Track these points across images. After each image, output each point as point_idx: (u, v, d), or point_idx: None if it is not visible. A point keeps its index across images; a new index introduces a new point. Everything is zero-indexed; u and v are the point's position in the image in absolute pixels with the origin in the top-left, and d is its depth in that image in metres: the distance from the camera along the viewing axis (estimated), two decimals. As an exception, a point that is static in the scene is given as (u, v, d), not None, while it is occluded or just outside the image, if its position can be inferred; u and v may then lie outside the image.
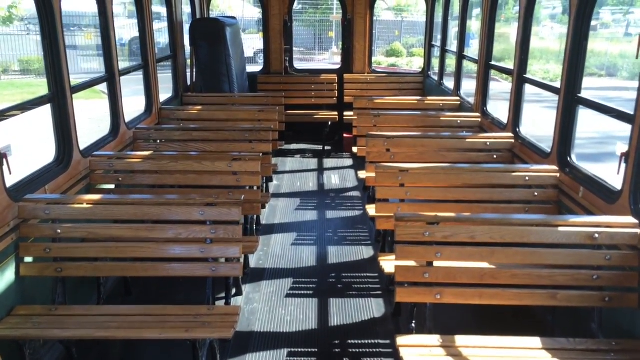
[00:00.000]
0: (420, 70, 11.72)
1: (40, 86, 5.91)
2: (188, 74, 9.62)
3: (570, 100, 5.00)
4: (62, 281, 4.32)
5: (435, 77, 10.28)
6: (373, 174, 5.40)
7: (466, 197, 5.24)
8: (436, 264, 3.95)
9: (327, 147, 11.19)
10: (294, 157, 10.86)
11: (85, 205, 4.32)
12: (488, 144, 6.24)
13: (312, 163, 10.50)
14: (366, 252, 6.75)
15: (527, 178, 5.15)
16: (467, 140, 6.34)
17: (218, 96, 9.15)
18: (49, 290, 4.37)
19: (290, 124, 10.00)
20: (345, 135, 10.85)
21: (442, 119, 7.43)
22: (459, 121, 7.38)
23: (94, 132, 6.85)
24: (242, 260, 5.95)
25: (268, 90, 10.94)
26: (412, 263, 4.01)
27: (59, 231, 4.24)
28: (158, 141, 6.71)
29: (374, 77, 11.36)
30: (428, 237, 3.91)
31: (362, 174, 6.84)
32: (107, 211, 4.33)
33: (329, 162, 10.53)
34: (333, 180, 9.47)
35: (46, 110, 5.14)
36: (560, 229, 3.91)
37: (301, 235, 7.24)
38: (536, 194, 5.10)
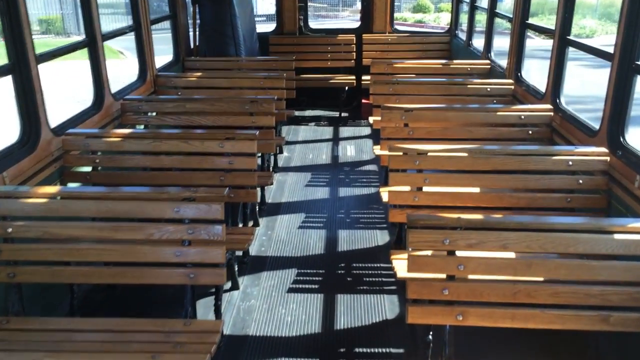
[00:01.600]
0: (447, 28, 10.73)
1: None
2: (191, 36, 8.81)
3: (626, 68, 4.11)
4: (18, 287, 3.69)
5: (463, 37, 9.28)
6: (387, 152, 4.65)
7: (496, 185, 4.43)
8: (458, 278, 3.21)
9: (343, 114, 10.36)
10: (308, 125, 10.07)
11: (40, 200, 3.65)
12: (522, 117, 5.38)
13: (327, 132, 9.69)
14: (381, 237, 6.03)
15: (570, 162, 4.30)
16: (498, 113, 5.47)
17: (223, 60, 8.35)
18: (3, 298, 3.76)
19: (305, 88, 9.27)
20: (364, 101, 9.99)
21: (469, 86, 6.52)
22: (488, 89, 6.47)
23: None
24: (240, 253, 5.32)
25: (280, 52, 10.08)
26: (428, 275, 3.27)
27: (10, 230, 3.57)
28: (150, 114, 6.02)
29: (395, 37, 10.38)
30: (448, 246, 3.15)
31: (377, 150, 6.08)
32: (65, 207, 3.64)
33: (345, 131, 9.71)
34: (349, 151, 8.69)
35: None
36: (616, 236, 3.10)
37: (310, 217, 6.54)
38: (581, 181, 4.26)
